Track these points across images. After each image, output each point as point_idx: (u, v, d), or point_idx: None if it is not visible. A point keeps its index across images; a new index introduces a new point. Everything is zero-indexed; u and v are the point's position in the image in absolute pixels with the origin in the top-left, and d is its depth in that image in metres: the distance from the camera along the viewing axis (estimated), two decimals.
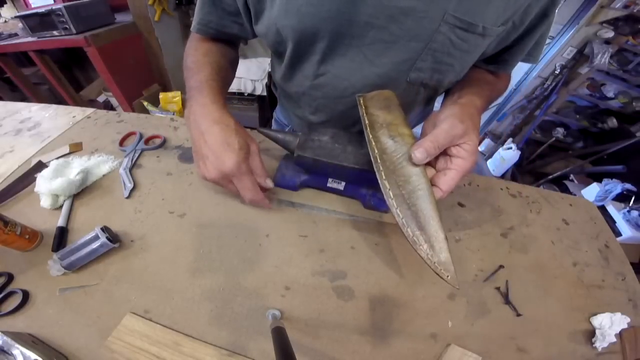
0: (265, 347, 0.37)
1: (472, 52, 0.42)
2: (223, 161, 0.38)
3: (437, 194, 0.34)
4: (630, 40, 1.70)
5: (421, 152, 0.32)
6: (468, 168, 0.33)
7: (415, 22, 0.38)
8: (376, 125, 0.37)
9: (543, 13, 0.40)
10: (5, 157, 0.62)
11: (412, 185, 0.34)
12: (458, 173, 0.33)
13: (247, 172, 0.40)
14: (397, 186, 0.34)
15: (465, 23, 0.37)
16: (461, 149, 0.33)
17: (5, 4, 1.88)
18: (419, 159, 0.33)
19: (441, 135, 0.33)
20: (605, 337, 0.39)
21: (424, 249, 0.33)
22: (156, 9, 1.73)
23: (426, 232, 0.33)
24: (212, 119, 0.41)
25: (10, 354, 0.32)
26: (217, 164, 0.39)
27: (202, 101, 0.42)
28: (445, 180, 0.34)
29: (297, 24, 0.41)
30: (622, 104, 1.90)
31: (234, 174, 0.39)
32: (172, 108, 1.87)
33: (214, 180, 0.40)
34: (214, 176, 0.40)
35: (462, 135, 0.33)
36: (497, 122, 2.40)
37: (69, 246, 0.42)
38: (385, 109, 0.38)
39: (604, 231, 0.55)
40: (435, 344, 0.39)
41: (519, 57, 0.47)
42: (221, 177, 0.39)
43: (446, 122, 0.34)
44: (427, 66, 0.43)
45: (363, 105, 0.39)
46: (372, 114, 0.38)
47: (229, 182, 0.41)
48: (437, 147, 0.33)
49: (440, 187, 0.34)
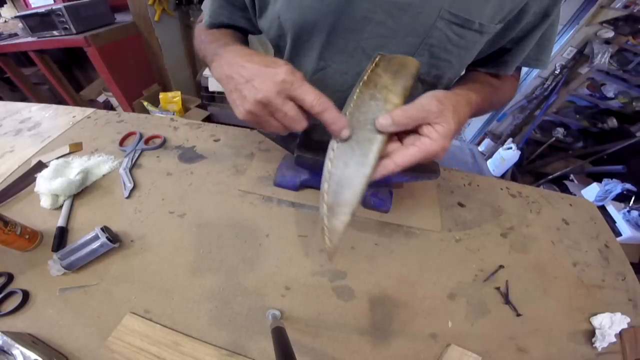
0: (265, 347, 0.37)
1: (469, 49, 0.42)
2: (275, 72, 0.31)
3: (389, 166, 0.31)
4: (630, 40, 1.69)
5: (386, 118, 0.30)
6: (433, 150, 0.31)
7: (411, 18, 0.38)
8: (371, 84, 0.35)
9: (544, 12, 0.40)
10: (5, 157, 0.62)
11: (362, 149, 0.32)
12: (420, 152, 0.31)
13: (304, 80, 0.32)
14: (346, 143, 0.33)
15: (461, 19, 0.37)
16: (432, 129, 0.31)
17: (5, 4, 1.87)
18: (381, 124, 0.31)
19: (413, 108, 0.31)
20: (605, 337, 0.39)
21: (324, 209, 0.32)
22: (156, 9, 1.73)
23: (338, 195, 0.32)
24: (248, 52, 0.36)
25: (10, 354, 0.32)
26: (268, 76, 0.31)
27: (232, 48, 0.39)
28: (402, 154, 0.31)
29: (297, 17, 0.42)
30: (622, 104, 1.90)
31: (291, 81, 0.31)
32: (172, 108, 1.87)
33: (266, 101, 0.31)
34: (266, 92, 0.31)
35: (437, 115, 0.31)
36: (497, 122, 2.40)
37: (69, 246, 0.42)
38: (392, 74, 0.35)
39: (604, 231, 0.55)
40: (435, 344, 0.39)
41: (519, 58, 0.46)
42: (276, 92, 0.31)
43: (424, 98, 0.32)
44: (424, 61, 0.43)
45: (374, 63, 0.36)
46: (376, 73, 0.36)
47: (283, 99, 0.32)
48: (406, 117, 0.30)
49: (394, 160, 0.31)
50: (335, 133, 0.32)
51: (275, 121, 0.33)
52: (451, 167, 0.65)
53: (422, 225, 0.51)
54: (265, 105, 0.32)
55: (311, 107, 0.31)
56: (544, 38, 0.44)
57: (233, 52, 0.37)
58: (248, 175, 0.57)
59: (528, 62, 0.47)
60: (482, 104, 0.42)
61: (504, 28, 0.40)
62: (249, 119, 0.34)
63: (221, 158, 0.62)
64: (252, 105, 0.32)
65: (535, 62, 0.47)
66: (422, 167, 0.46)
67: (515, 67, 0.48)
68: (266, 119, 0.33)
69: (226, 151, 0.63)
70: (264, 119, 0.33)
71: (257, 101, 0.31)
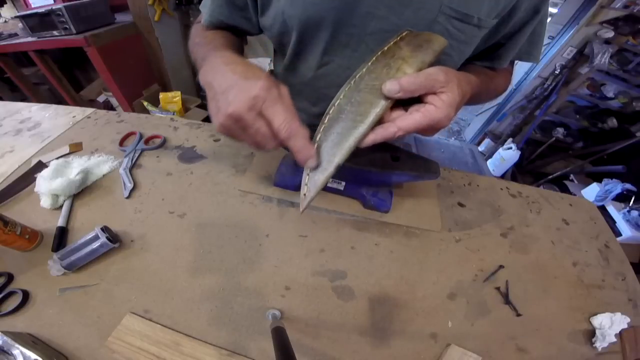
0: (265, 347, 0.37)
1: (469, 43, 0.44)
2: (250, 86, 0.30)
3: (391, 129, 0.31)
4: (630, 40, 1.69)
5: (393, 83, 0.30)
6: (437, 117, 0.30)
7: (413, 13, 0.40)
8: (389, 54, 0.35)
9: (534, 9, 0.42)
10: (5, 157, 0.62)
11: (361, 109, 0.32)
12: (424, 117, 0.31)
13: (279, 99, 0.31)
14: (348, 101, 0.33)
15: (461, 14, 0.39)
16: (437, 97, 0.31)
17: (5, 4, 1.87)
18: (388, 89, 0.30)
19: (422, 76, 0.31)
20: (605, 337, 0.39)
21: (312, 161, 0.32)
22: (156, 9, 1.73)
23: (328, 149, 0.32)
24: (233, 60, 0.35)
25: (10, 354, 0.32)
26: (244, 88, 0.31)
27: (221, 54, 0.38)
28: (406, 118, 0.31)
29: (302, 13, 0.42)
30: (622, 104, 1.90)
31: (264, 98, 0.30)
32: (172, 108, 1.87)
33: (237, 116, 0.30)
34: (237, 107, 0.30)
35: (444, 84, 0.31)
36: (497, 122, 2.40)
37: (69, 246, 0.42)
38: (414, 47, 0.35)
39: (604, 231, 0.55)
40: (435, 344, 0.39)
41: (512, 52, 0.48)
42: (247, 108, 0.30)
43: (431, 69, 0.32)
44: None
45: (399, 37, 0.36)
46: (398, 46, 0.36)
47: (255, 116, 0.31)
48: (414, 84, 0.30)
49: (397, 124, 0.31)
50: (300, 162, 0.32)
51: (248, 136, 0.32)
52: (451, 167, 0.65)
53: (422, 225, 0.51)
54: (236, 120, 0.31)
55: (277, 131, 0.30)
56: (535, 34, 0.47)
57: (220, 59, 0.36)
58: (248, 175, 0.57)
59: (521, 56, 0.50)
60: (480, 88, 0.43)
61: (498, 23, 0.42)
62: (223, 131, 0.33)
63: (221, 158, 0.62)
64: (224, 118, 0.31)
65: (527, 56, 0.50)
66: (422, 167, 0.46)
67: (508, 60, 0.50)
68: (239, 134, 0.32)
69: (226, 151, 0.63)
70: (237, 132, 0.32)
71: (228, 115, 0.31)
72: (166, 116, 0.76)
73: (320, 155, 0.32)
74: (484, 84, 0.46)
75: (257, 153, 0.62)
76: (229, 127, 0.32)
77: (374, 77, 0.34)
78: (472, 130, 2.67)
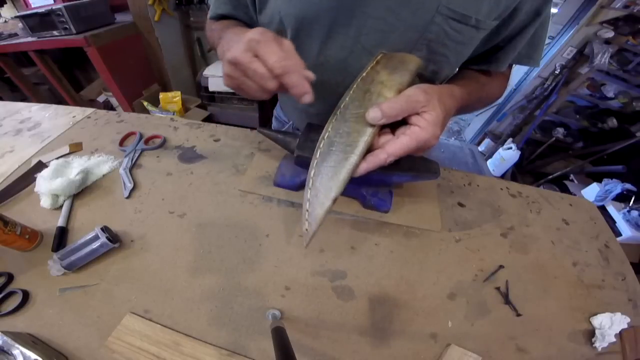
0: (265, 347, 0.37)
1: (466, 44, 0.43)
2: (248, 32, 0.32)
3: (381, 155, 0.32)
4: (630, 40, 1.69)
5: (375, 111, 0.31)
6: (424, 138, 0.31)
7: (411, 13, 0.39)
8: (368, 79, 0.36)
9: (535, 11, 0.41)
10: (5, 157, 0.62)
11: (350, 139, 0.33)
12: (411, 140, 0.31)
13: (274, 40, 0.32)
14: (336, 133, 0.34)
15: (459, 15, 0.38)
16: (421, 118, 0.32)
17: (5, 4, 1.87)
18: (371, 117, 0.31)
19: (402, 99, 0.32)
20: (605, 337, 0.39)
21: (307, 194, 0.33)
22: (156, 9, 1.73)
23: (323, 182, 0.33)
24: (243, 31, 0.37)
25: (10, 354, 0.32)
26: (242, 38, 0.32)
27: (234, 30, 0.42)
28: (394, 143, 0.32)
29: (298, 12, 0.42)
30: (622, 104, 1.90)
31: (258, 40, 0.31)
32: (172, 108, 1.87)
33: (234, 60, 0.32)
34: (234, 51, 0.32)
35: (425, 104, 0.32)
36: (497, 122, 2.40)
37: (69, 246, 0.42)
38: (390, 70, 0.36)
39: (604, 231, 0.55)
40: (435, 344, 0.39)
41: (511, 55, 0.47)
42: (243, 50, 0.31)
43: (410, 90, 0.33)
44: (423, 56, 0.44)
45: (375, 61, 0.38)
46: (375, 70, 0.37)
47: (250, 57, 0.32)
48: (395, 109, 0.31)
49: (387, 149, 0.32)
50: (296, 97, 0.32)
51: (249, 81, 0.33)
52: (451, 167, 0.65)
53: (422, 225, 0.51)
54: (235, 64, 0.32)
55: (272, 69, 0.31)
56: (536, 36, 0.46)
57: (232, 32, 0.40)
58: (248, 175, 0.57)
59: (521, 60, 0.49)
60: (469, 98, 0.43)
61: (498, 26, 0.42)
62: (229, 83, 0.34)
63: (221, 158, 0.62)
64: (227, 67, 0.33)
65: (528, 60, 0.48)
66: (422, 167, 0.46)
67: (507, 64, 0.49)
68: (242, 80, 0.33)
69: (226, 151, 0.63)
70: (240, 80, 0.33)
71: (228, 61, 0.32)
72: (166, 116, 0.76)
73: (317, 190, 0.33)
74: (473, 93, 0.45)
75: (257, 153, 0.62)
76: (232, 74, 0.33)
77: (357, 105, 0.35)
78: (472, 130, 2.67)
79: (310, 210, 0.33)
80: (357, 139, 0.33)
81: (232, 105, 2.15)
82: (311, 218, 0.32)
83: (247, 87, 0.34)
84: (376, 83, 0.36)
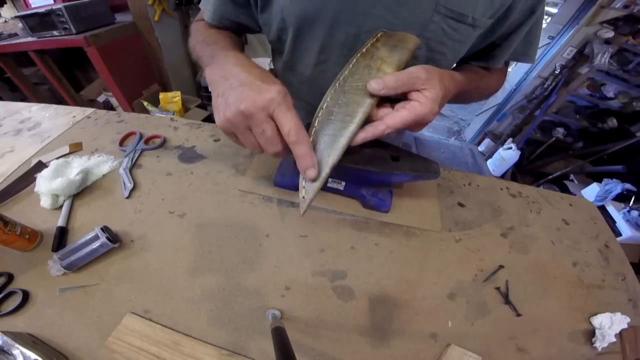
0: (265, 347, 0.37)
1: (463, 42, 0.44)
2: (267, 88, 0.31)
3: (380, 126, 0.33)
4: (630, 40, 1.70)
5: (377, 82, 0.32)
6: (422, 112, 0.32)
7: (409, 12, 0.40)
8: (368, 55, 0.37)
9: (530, 9, 0.42)
10: (5, 157, 0.62)
11: (349, 109, 0.34)
12: (410, 113, 0.32)
13: (292, 107, 0.32)
14: (335, 103, 0.35)
15: (456, 14, 0.39)
16: (421, 94, 0.33)
17: (5, 4, 1.87)
18: (373, 87, 0.32)
19: (404, 74, 0.33)
20: (605, 337, 0.39)
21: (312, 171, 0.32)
22: (156, 9, 1.73)
23: (320, 152, 0.33)
24: (247, 63, 0.36)
25: (10, 354, 0.32)
26: (259, 89, 0.31)
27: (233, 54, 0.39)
28: (393, 115, 0.33)
29: (300, 10, 0.43)
30: (622, 104, 1.90)
31: (279, 102, 0.31)
32: (172, 108, 1.87)
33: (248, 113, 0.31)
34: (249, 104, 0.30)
35: (425, 81, 0.33)
36: (497, 122, 2.40)
37: (69, 246, 0.42)
38: (390, 48, 0.37)
39: (604, 231, 0.55)
40: (435, 344, 0.39)
41: (507, 52, 0.48)
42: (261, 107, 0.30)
43: (413, 67, 0.34)
44: (422, 54, 0.45)
45: (374, 38, 0.38)
46: (375, 47, 0.38)
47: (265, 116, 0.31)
48: (397, 81, 0.32)
49: (386, 121, 0.33)
50: (302, 169, 0.32)
51: (251, 136, 0.33)
52: (451, 167, 0.65)
53: (422, 225, 0.51)
54: (246, 117, 0.31)
55: (287, 134, 0.31)
56: (530, 34, 0.47)
57: (233, 59, 0.37)
58: (248, 175, 0.57)
59: (517, 56, 0.50)
60: (468, 85, 0.44)
61: (494, 24, 0.43)
62: (226, 127, 0.33)
63: (221, 158, 0.62)
64: (233, 113, 0.31)
65: (523, 57, 0.50)
66: (422, 167, 0.46)
67: (503, 61, 0.50)
68: (242, 132, 0.33)
69: (226, 151, 0.63)
70: (241, 131, 0.33)
71: (239, 111, 0.31)
72: (166, 116, 0.76)
73: (317, 151, 0.33)
74: (473, 81, 0.47)
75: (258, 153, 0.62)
76: (236, 123, 0.32)
77: (357, 77, 0.35)
78: (472, 130, 2.67)
79: (307, 180, 0.33)
80: (356, 109, 0.33)
81: None
82: (308, 185, 0.33)
83: (245, 139, 0.33)
84: (376, 59, 0.36)
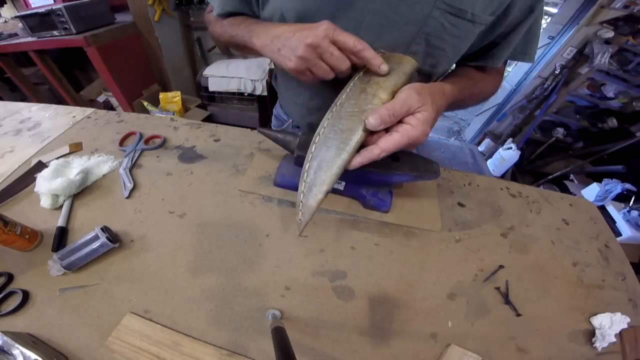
0: (265, 347, 0.37)
1: (463, 38, 0.44)
2: (318, 25, 0.36)
3: (374, 150, 0.34)
4: (630, 40, 1.69)
5: (375, 118, 0.33)
6: (414, 135, 0.34)
7: (409, 7, 0.40)
8: (365, 79, 0.39)
9: (529, 8, 0.42)
10: (5, 157, 0.62)
11: (344, 136, 0.35)
12: (402, 137, 0.34)
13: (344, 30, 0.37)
14: (331, 129, 0.36)
15: (455, 9, 0.40)
16: (413, 117, 0.34)
17: (5, 4, 1.87)
18: (372, 124, 0.33)
19: (397, 104, 0.34)
20: (605, 337, 0.39)
21: (302, 186, 0.35)
22: (156, 9, 1.73)
23: (316, 175, 0.35)
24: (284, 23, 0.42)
25: (10, 354, 0.32)
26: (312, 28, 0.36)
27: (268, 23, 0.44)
28: (386, 139, 0.34)
29: (300, 6, 0.43)
30: (622, 104, 1.90)
31: (334, 28, 0.36)
32: (172, 108, 1.87)
33: (315, 44, 0.36)
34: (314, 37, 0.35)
35: (418, 105, 0.34)
36: (497, 122, 2.40)
37: (69, 246, 0.42)
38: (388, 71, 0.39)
39: (604, 231, 0.55)
40: (435, 344, 0.39)
41: (507, 51, 0.48)
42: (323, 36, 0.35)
43: (404, 92, 0.35)
44: (421, 50, 0.45)
45: None
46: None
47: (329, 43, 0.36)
48: (393, 114, 0.34)
49: (380, 145, 0.34)
50: (375, 67, 0.37)
51: (323, 63, 0.37)
52: (451, 167, 0.65)
53: (422, 225, 0.51)
54: (314, 48, 0.36)
55: (354, 46, 0.36)
56: (529, 33, 0.47)
57: (271, 24, 0.42)
58: (248, 175, 0.57)
59: (516, 55, 0.50)
60: (459, 95, 0.45)
61: (493, 22, 0.43)
62: (300, 65, 0.38)
63: (221, 158, 0.62)
64: (303, 50, 0.36)
65: (522, 56, 0.50)
66: (423, 167, 0.46)
67: (503, 59, 0.50)
68: (315, 62, 0.37)
69: (226, 151, 0.63)
70: (314, 62, 0.37)
71: (307, 45, 0.36)
72: (166, 116, 0.76)
73: (311, 183, 0.35)
74: (465, 90, 0.47)
75: (257, 153, 0.62)
76: (307, 57, 0.37)
77: (353, 103, 0.37)
78: (472, 130, 2.67)
79: (304, 201, 0.35)
80: (350, 137, 0.35)
81: (232, 105, 2.15)
82: (304, 209, 0.34)
83: (317, 68, 0.38)
84: (372, 83, 0.38)
